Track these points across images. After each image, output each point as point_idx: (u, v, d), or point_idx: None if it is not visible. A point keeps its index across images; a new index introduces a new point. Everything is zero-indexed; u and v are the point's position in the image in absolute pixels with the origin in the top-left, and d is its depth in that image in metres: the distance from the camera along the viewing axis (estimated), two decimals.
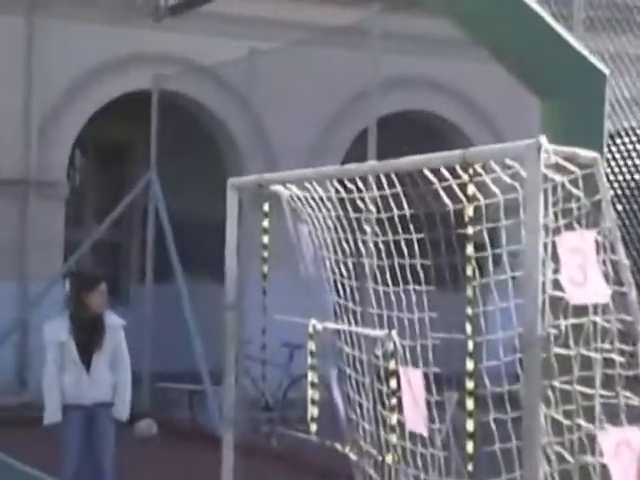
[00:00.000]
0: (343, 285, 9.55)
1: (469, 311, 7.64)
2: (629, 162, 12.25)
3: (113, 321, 10.77)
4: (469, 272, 7.65)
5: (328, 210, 9.37)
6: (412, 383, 8.47)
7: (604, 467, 6.92)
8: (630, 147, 12.31)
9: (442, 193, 8.02)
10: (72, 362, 10.51)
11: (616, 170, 11.91)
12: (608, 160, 10.14)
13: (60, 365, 10.52)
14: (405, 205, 8.60)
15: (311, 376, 9.89)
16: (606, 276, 7.30)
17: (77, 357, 10.50)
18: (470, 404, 7.50)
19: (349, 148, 19.07)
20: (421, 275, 8.72)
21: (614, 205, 8.61)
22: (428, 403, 8.42)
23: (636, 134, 12.43)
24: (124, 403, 10.49)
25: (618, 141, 12.14)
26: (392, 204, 8.66)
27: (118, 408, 10.44)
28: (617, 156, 12.06)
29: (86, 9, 17.36)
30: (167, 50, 18.75)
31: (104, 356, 10.54)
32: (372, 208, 9.06)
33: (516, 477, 7.43)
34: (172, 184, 18.33)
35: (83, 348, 10.55)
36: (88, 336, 10.55)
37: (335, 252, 9.52)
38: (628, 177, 12.18)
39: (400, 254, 8.77)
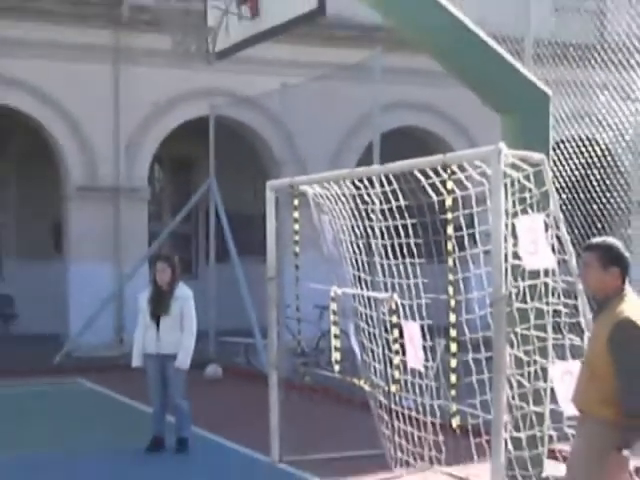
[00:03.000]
0: (356, 260, 9.59)
1: (450, 277, 7.70)
2: (570, 162, 12.30)
3: (183, 292, 10.67)
4: (450, 248, 7.71)
5: (343, 204, 9.41)
6: (411, 332, 8.53)
7: (552, 390, 7.00)
8: (570, 151, 12.36)
9: (428, 188, 8.07)
10: (148, 323, 10.52)
11: (560, 168, 11.94)
12: (554, 161, 10.15)
13: (143, 325, 10.56)
14: (401, 198, 8.65)
15: (334, 329, 9.98)
16: (553, 248, 7.36)
17: (149, 320, 10.50)
18: (453, 347, 7.57)
19: (360, 156, 19.06)
20: (414, 251, 8.79)
21: (558, 194, 8.66)
22: (423, 347, 8.49)
23: (574, 141, 12.47)
24: (185, 356, 10.44)
25: (561, 146, 12.17)
26: (391, 198, 8.72)
27: (179, 359, 10.39)
28: (560, 157, 12.09)
29: (157, 58, 17.36)
30: (219, 85, 18.74)
31: (171, 319, 10.45)
32: (377, 201, 9.11)
33: (487, 399, 7.53)
34: (227, 187, 18.34)
35: (153, 313, 10.51)
36: (156, 304, 10.51)
37: (349, 235, 9.57)
38: (569, 173, 12.22)
39: (398, 235, 8.83)
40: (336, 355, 9.85)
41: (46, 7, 18.58)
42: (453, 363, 7.57)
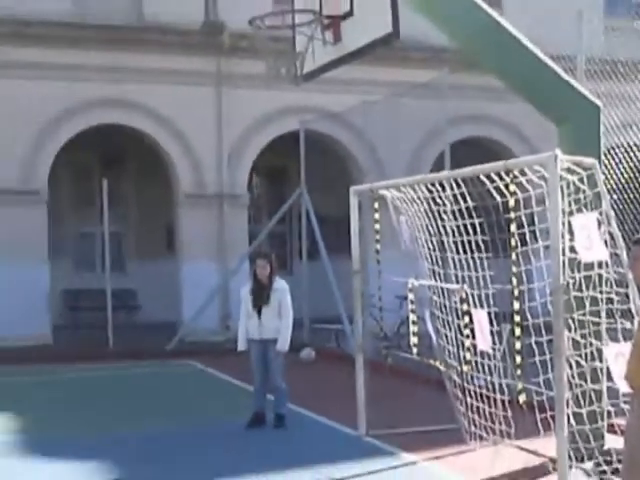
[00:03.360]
0: (431, 255, 9.52)
1: (514, 269, 7.63)
2: (620, 166, 12.12)
3: (280, 285, 10.69)
4: (513, 243, 7.65)
5: (418, 205, 9.35)
6: (479, 319, 8.45)
7: (608, 370, 6.90)
8: (620, 156, 12.18)
9: (493, 191, 8.00)
10: (250, 312, 10.56)
11: (611, 172, 11.77)
12: (605, 165, 9.99)
13: (246, 314, 10.61)
14: (469, 200, 8.57)
15: (412, 316, 9.94)
16: (605, 242, 7.24)
17: (252, 309, 10.53)
18: (518, 331, 7.50)
19: (432, 164, 18.97)
20: (482, 247, 8.70)
21: (609, 195, 8.50)
22: (490, 332, 8.41)
23: (624, 147, 12.29)
24: (284, 340, 10.47)
25: (612, 152, 11.99)
26: (461, 200, 8.65)
27: (279, 343, 10.42)
28: (611, 162, 11.91)
29: (253, 80, 17.39)
30: (308, 103, 18.74)
31: (271, 309, 10.48)
32: (447, 203, 9.04)
33: (550, 377, 7.43)
34: (316, 193, 18.37)
35: (255, 303, 10.55)
36: (258, 295, 10.55)
37: (424, 233, 9.50)
38: (619, 176, 12.04)
39: (467, 233, 8.74)
40: (414, 339, 9.81)
41: (158, 38, 18.87)
42: (518, 345, 7.51)
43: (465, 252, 8.87)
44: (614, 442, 7.77)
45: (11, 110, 18.08)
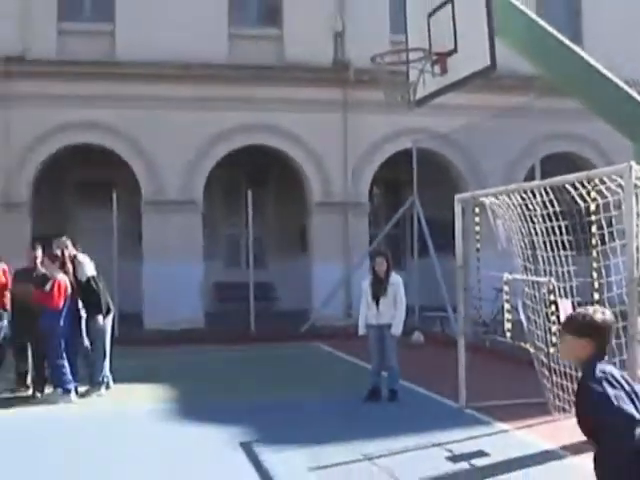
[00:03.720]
0: (523, 253, 9.49)
1: (594, 265, 7.56)
2: None
3: (395, 279, 10.73)
4: (594, 242, 7.57)
5: (512, 210, 9.33)
6: (565, 307, 8.35)
7: None
8: None
9: (576, 197, 7.92)
10: (369, 302, 10.63)
11: None
12: None
13: (366, 304, 10.69)
14: (556, 205, 8.50)
15: (507, 306, 9.90)
16: None
17: (371, 299, 10.60)
18: None
19: (525, 175, 18.68)
20: (567, 245, 8.63)
21: None
22: None
23: None
24: (398, 325, 10.51)
25: None
26: (549, 205, 8.58)
27: (394, 328, 10.46)
28: None
29: (373, 106, 17.29)
30: (420, 125, 18.66)
31: (387, 299, 10.54)
32: (537, 208, 8.98)
33: (624, 358, 7.31)
34: (425, 200, 18.29)
35: (374, 294, 10.61)
36: (376, 287, 10.61)
37: (517, 234, 9.48)
38: None
39: (555, 234, 8.67)
40: (508, 325, 9.77)
41: (296, 74, 19.22)
42: None
43: (552, 250, 8.83)
44: None
45: (174, 135, 18.70)
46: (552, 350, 8.91)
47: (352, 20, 19.76)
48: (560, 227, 8.55)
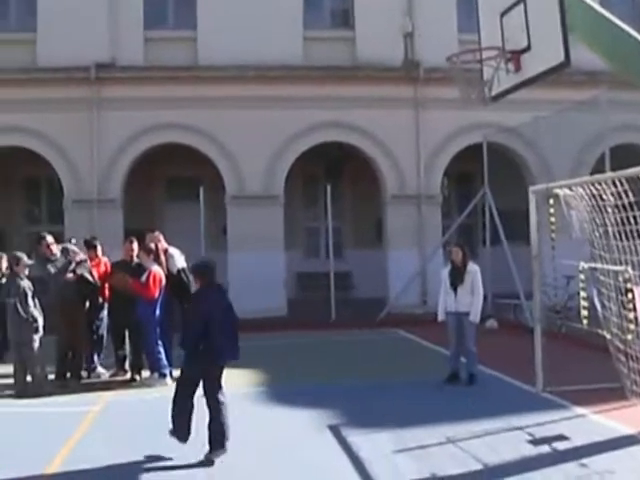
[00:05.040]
0: (596, 242, 9.37)
1: None
2: None
3: (472, 267, 10.71)
4: None
5: (585, 201, 9.21)
6: None
7: None
8: None
9: None
10: (448, 290, 10.64)
11: None
12: None
13: (445, 291, 10.70)
14: (631, 195, 8.35)
15: (582, 293, 9.79)
16: None
17: (449, 287, 10.62)
18: None
19: (594, 165, 18.31)
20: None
21: None
22: None
23: None
24: (476, 312, 10.49)
25: None
26: (623, 195, 8.44)
27: (472, 315, 10.45)
28: None
29: (446, 103, 17.40)
30: (490, 120, 18.41)
31: (465, 287, 10.53)
32: (611, 198, 8.84)
33: None
34: (496, 191, 18.08)
35: (452, 283, 10.61)
36: (455, 276, 10.60)
37: (591, 224, 9.36)
38: None
39: (629, 223, 8.53)
40: (584, 312, 9.65)
41: (368, 74, 19.22)
42: None
43: (627, 239, 8.66)
44: None
45: (254, 134, 18.87)
46: (629, 336, 8.78)
47: (421, 20, 19.65)
48: (635, 217, 8.39)
